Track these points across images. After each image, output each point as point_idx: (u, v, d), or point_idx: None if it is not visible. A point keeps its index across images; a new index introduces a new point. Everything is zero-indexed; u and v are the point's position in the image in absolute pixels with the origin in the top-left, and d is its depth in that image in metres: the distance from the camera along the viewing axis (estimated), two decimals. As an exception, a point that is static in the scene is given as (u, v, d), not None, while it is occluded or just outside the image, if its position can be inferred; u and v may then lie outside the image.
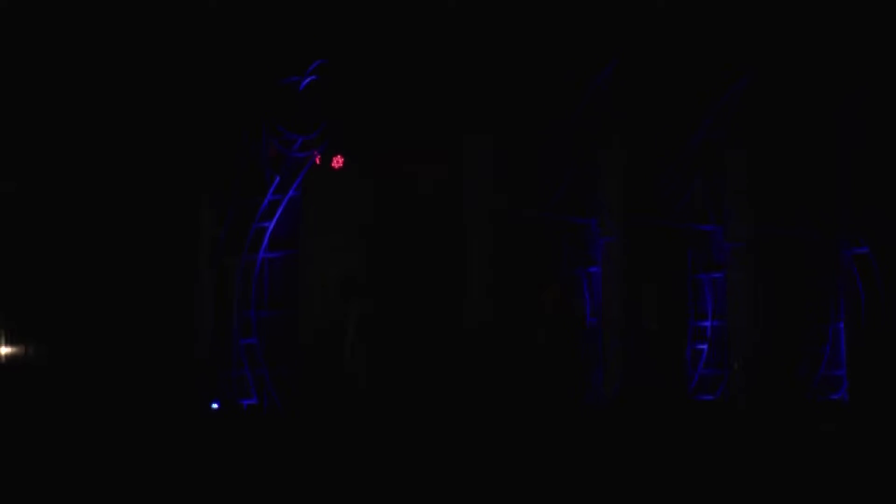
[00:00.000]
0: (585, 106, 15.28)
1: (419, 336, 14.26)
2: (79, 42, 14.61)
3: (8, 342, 14.91)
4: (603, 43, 14.82)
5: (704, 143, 15.91)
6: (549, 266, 15.45)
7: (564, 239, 15.74)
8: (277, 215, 14.96)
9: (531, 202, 15.29)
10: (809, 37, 14.86)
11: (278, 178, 14.91)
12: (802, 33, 14.87)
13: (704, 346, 15.69)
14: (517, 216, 15.08)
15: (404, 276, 14.59)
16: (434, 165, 14.84)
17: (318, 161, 14.71)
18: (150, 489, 10.65)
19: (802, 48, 14.92)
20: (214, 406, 14.89)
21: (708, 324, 15.65)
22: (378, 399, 13.75)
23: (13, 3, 14.45)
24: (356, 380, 14.11)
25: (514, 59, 14.45)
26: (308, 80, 14.77)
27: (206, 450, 12.69)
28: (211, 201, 15.32)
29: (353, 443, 12.15)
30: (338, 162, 14.66)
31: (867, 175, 15.97)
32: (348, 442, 12.22)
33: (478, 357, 13.77)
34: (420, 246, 14.68)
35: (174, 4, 14.59)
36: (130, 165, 14.88)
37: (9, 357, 14.87)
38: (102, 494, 10.53)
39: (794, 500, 9.48)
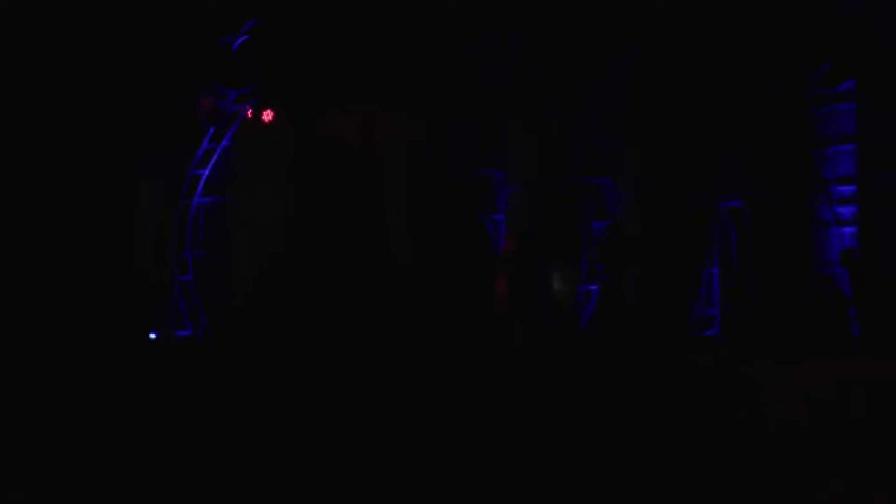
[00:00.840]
0: (495, 72, 16.05)
1: (344, 275, 15.25)
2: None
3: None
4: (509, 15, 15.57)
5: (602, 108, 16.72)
6: (460, 213, 16.25)
7: (474, 188, 16.55)
8: (211, 164, 15.98)
9: (444, 158, 16.04)
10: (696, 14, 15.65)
11: (212, 129, 15.92)
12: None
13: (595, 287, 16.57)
14: (433, 170, 15.91)
15: (329, 220, 15.51)
16: (355, 118, 15.77)
17: (249, 114, 15.71)
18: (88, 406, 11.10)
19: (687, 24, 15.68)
20: (152, 336, 15.90)
21: (600, 266, 16.29)
22: (307, 334, 14.62)
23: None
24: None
25: (431, 24, 15.30)
26: (242, 39, 15.66)
27: (142, 373, 13.09)
28: (150, 150, 16.01)
29: (275, 371, 12.63)
30: (268, 115, 15.65)
31: (740, 136, 16.65)
32: (271, 371, 12.71)
33: (399, 293, 14.71)
34: (343, 192, 15.62)
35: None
36: (73, 116, 15.50)
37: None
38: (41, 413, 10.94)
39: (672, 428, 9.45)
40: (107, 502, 8.32)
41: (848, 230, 16.44)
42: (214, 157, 15.92)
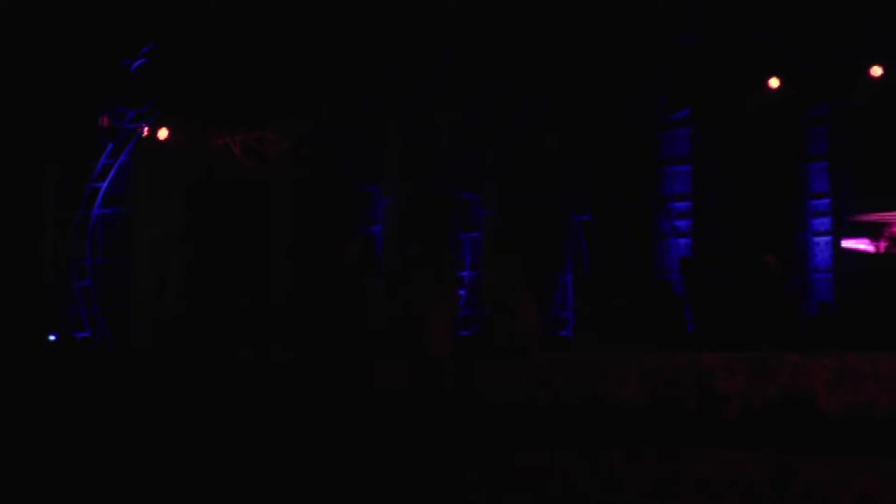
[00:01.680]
0: (371, 93, 16.58)
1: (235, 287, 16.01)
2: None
3: None
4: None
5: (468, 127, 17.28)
6: (341, 226, 16.65)
7: (353, 202, 17.28)
8: (110, 177, 16.60)
9: (326, 172, 16.76)
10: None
11: (111, 145, 16.55)
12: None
13: (462, 292, 17.10)
14: (315, 183, 16.61)
15: (223, 233, 16.20)
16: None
17: (146, 132, 16.29)
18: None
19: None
20: (52, 338, 16.43)
21: (466, 273, 17.30)
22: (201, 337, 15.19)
23: None
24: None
25: (315, 49, 15.72)
26: (140, 61, 16.30)
27: (41, 370, 13.56)
28: (54, 164, 16.82)
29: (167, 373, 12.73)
30: (163, 133, 16.24)
31: (590, 156, 17.56)
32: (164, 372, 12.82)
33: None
34: (235, 207, 16.34)
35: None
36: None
37: None
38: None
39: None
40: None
41: (683, 241, 17.63)
42: (113, 171, 16.52)
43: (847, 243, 16.98)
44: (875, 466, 6.61)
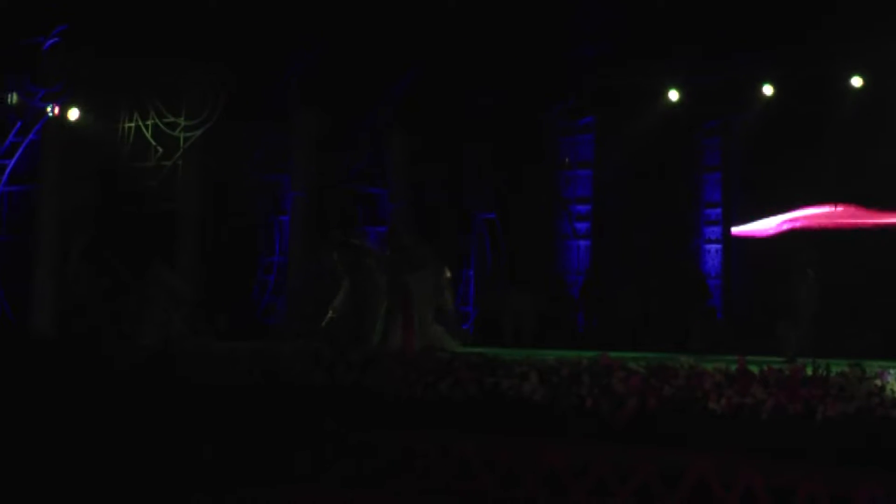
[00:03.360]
0: (284, 83, 16.40)
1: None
2: None
3: None
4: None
5: (377, 124, 17.40)
6: (249, 215, 16.91)
7: (261, 193, 17.17)
8: (17, 155, 16.19)
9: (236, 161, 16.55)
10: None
11: (20, 123, 16.13)
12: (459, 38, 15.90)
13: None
14: (223, 176, 16.40)
15: (130, 217, 15.95)
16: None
17: (56, 112, 15.96)
18: None
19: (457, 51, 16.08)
20: None
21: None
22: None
23: None
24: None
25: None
26: (53, 41, 15.83)
27: None
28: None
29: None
30: (74, 114, 15.96)
31: (497, 157, 17.84)
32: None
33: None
34: (143, 192, 16.09)
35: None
36: None
37: None
38: None
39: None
40: None
41: (584, 243, 17.88)
42: (21, 150, 16.11)
43: (738, 229, 17.23)
44: (759, 464, 6.78)
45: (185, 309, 13.99)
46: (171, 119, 15.93)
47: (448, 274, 14.36)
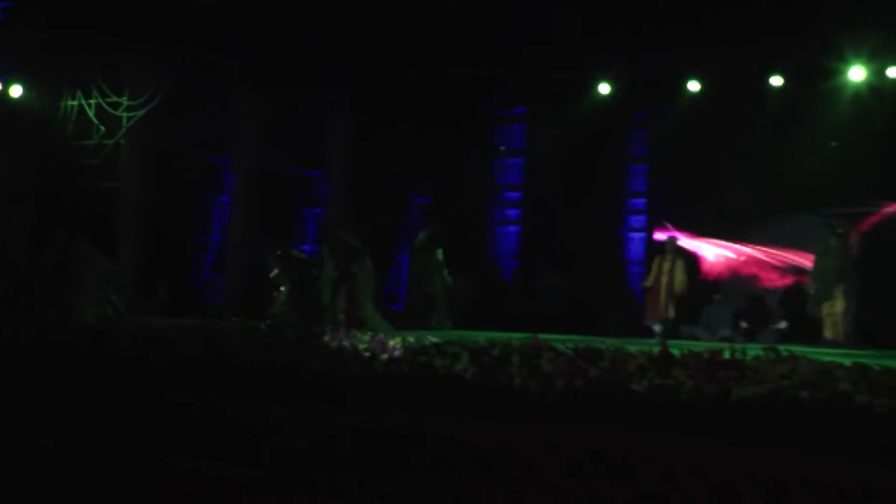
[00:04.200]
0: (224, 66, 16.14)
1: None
2: None
3: None
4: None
5: (317, 108, 17.40)
6: (190, 195, 16.71)
7: (203, 174, 16.98)
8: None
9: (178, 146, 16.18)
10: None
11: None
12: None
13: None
14: (165, 156, 15.90)
15: (71, 196, 15.44)
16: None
17: None
18: None
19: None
20: None
21: (308, 247, 17.08)
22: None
23: None
24: None
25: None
26: None
27: None
28: None
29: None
30: (16, 91, 15.66)
31: (432, 143, 17.61)
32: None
33: None
34: (85, 171, 15.75)
35: None
36: None
37: None
38: None
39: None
40: None
41: (513, 229, 18.06)
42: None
43: (660, 235, 17.56)
44: (680, 444, 6.95)
45: (116, 285, 13.87)
46: (115, 98, 15.63)
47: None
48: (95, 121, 15.76)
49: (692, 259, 16.29)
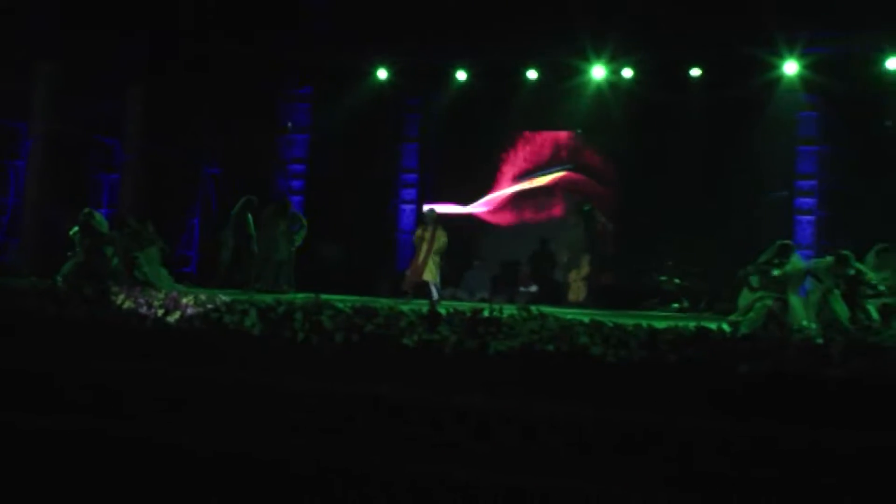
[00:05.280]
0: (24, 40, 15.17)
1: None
2: None
3: None
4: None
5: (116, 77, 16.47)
6: None
7: None
8: None
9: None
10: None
11: None
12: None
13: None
14: None
15: None
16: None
17: None
18: None
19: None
20: None
21: (105, 210, 16.03)
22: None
23: None
24: None
25: None
26: None
27: None
28: None
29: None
30: None
31: (223, 115, 17.25)
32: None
33: None
34: None
35: None
36: None
37: None
38: None
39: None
40: None
41: (297, 198, 17.80)
42: None
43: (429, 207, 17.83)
44: (444, 393, 7.10)
45: None
46: None
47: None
48: None
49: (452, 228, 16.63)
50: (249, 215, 15.27)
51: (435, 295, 14.08)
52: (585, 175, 17.62)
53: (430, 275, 14.41)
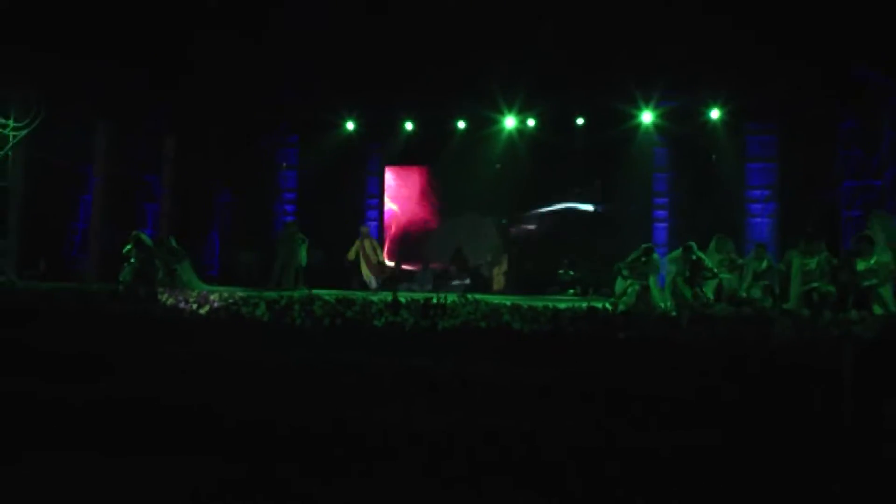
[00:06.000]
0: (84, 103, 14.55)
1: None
2: None
3: None
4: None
5: (152, 130, 16.33)
6: (62, 193, 15.00)
7: (72, 177, 15.30)
8: None
9: (53, 156, 14.47)
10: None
11: None
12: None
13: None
14: (45, 164, 14.28)
15: None
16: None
17: None
18: None
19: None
20: None
21: (149, 231, 15.75)
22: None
23: None
24: None
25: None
26: None
27: None
28: None
29: None
30: None
31: (236, 160, 17.11)
32: None
33: None
34: None
35: None
36: None
37: None
38: None
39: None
40: None
41: (290, 218, 17.58)
42: None
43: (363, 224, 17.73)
44: (405, 359, 7.14)
45: (9, 260, 12.68)
46: (3, 121, 13.94)
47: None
48: None
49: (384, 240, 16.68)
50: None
51: (373, 284, 14.51)
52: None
53: (366, 273, 14.94)
